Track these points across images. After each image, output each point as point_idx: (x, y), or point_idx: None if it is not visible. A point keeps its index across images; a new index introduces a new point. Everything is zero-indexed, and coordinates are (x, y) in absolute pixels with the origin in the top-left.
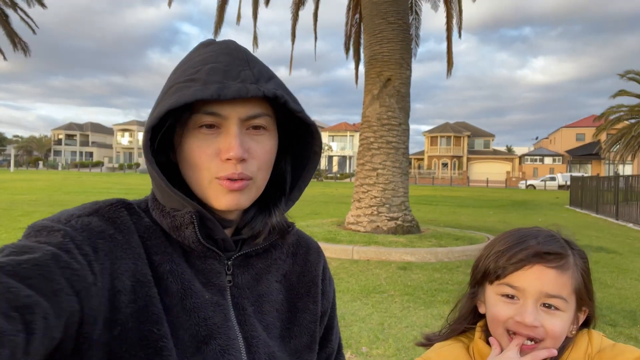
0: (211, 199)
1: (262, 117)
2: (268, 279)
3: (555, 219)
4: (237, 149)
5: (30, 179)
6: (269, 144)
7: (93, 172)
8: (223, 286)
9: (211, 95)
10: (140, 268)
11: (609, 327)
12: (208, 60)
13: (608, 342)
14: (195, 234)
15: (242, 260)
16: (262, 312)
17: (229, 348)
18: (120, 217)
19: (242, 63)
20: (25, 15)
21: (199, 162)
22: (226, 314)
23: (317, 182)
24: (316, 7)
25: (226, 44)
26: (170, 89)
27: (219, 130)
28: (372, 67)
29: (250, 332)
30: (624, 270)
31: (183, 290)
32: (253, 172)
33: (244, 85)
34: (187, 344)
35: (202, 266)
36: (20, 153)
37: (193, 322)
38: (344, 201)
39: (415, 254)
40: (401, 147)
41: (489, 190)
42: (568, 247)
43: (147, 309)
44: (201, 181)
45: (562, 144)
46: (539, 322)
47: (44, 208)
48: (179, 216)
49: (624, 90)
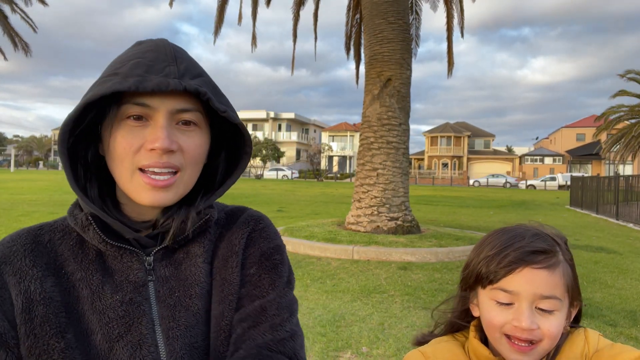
0: (133, 194)
1: (191, 112)
2: (194, 263)
3: (555, 219)
4: (164, 139)
5: (30, 179)
6: (198, 139)
7: None
8: (140, 282)
9: (129, 87)
10: (35, 287)
11: (609, 327)
12: (134, 56)
13: (606, 342)
14: (99, 235)
15: (164, 253)
16: (189, 296)
17: (142, 342)
18: (15, 244)
19: (169, 59)
20: (25, 16)
21: (123, 152)
22: (143, 309)
23: (317, 182)
24: (316, 7)
25: (156, 42)
26: (97, 82)
27: (147, 123)
28: (372, 67)
29: (168, 323)
30: (624, 270)
31: (92, 295)
32: (181, 163)
33: (165, 79)
34: (100, 345)
35: (118, 265)
36: (21, 153)
37: (103, 323)
38: (344, 201)
39: (415, 254)
40: (401, 147)
41: (489, 190)
42: (555, 242)
43: (45, 325)
44: (124, 173)
45: (562, 144)
46: (536, 324)
47: (44, 208)
48: (79, 217)
49: (624, 90)
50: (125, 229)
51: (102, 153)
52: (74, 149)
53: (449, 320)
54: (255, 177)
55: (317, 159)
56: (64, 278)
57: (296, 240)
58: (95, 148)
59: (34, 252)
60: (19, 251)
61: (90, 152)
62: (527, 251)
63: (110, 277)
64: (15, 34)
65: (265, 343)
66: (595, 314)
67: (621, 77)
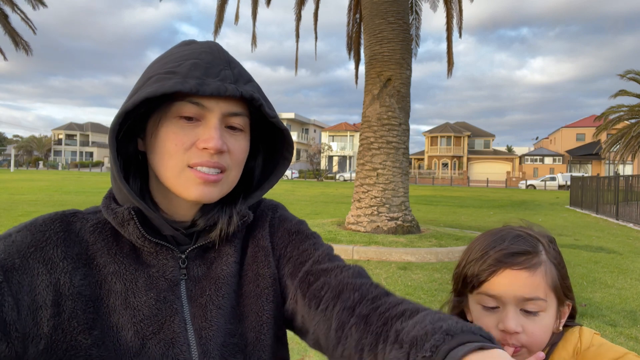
0: (180, 188)
1: (240, 117)
2: (225, 262)
3: (555, 219)
4: (217, 140)
5: (30, 179)
6: (243, 143)
7: (93, 172)
8: (175, 280)
9: (190, 89)
10: (64, 281)
11: (609, 327)
12: (190, 57)
13: (599, 340)
14: (138, 230)
15: (197, 252)
16: (219, 295)
17: (175, 341)
18: (48, 230)
19: (223, 63)
20: (25, 17)
21: (174, 149)
22: (175, 307)
23: (317, 182)
24: (316, 7)
25: (208, 44)
26: (150, 79)
27: (198, 123)
28: (372, 67)
29: (202, 323)
30: (624, 270)
31: (126, 290)
32: (228, 164)
33: (222, 84)
34: (131, 342)
35: (154, 262)
36: (21, 153)
37: (137, 320)
38: (344, 201)
39: (415, 254)
40: (401, 147)
41: (489, 190)
42: (537, 241)
43: (72, 320)
44: (172, 169)
45: (562, 144)
46: (521, 327)
47: (44, 208)
48: (120, 212)
49: (624, 90)
50: (165, 224)
51: (142, 148)
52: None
53: None
54: None
55: (317, 159)
56: (95, 270)
57: None
58: (134, 144)
59: (66, 241)
60: (52, 239)
61: (130, 148)
62: (506, 253)
63: (145, 274)
64: (16, 34)
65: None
66: (595, 314)
67: (621, 77)
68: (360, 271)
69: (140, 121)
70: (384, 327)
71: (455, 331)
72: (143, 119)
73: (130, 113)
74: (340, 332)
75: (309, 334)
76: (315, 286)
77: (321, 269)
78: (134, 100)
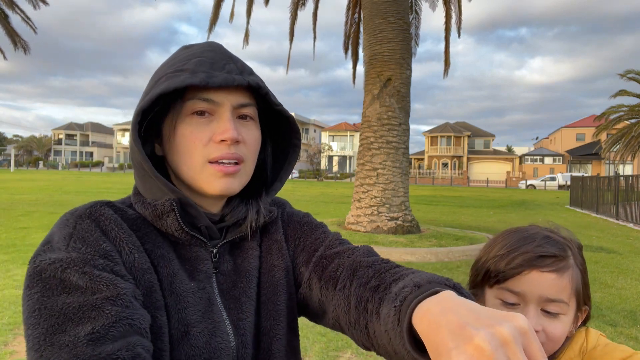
0: (203, 184)
1: (250, 107)
2: (251, 255)
3: (555, 219)
4: (232, 131)
5: (30, 178)
6: (256, 131)
7: (93, 172)
8: (209, 273)
9: (200, 81)
10: (138, 256)
11: (609, 327)
12: (194, 55)
13: (603, 341)
14: (177, 221)
15: (226, 247)
16: (250, 287)
17: (216, 331)
18: (103, 214)
19: (226, 58)
20: (25, 17)
21: (193, 146)
22: (212, 299)
23: (317, 182)
24: (316, 7)
25: (209, 44)
26: (160, 79)
27: (211, 117)
28: (372, 67)
29: (237, 315)
30: (624, 270)
31: (173, 275)
32: (245, 154)
33: (230, 75)
34: (174, 329)
35: (188, 254)
36: (21, 153)
37: (182, 307)
38: (344, 201)
39: (415, 254)
40: (401, 147)
41: (489, 190)
42: (567, 246)
43: (150, 296)
44: (194, 166)
45: (562, 144)
46: (541, 326)
47: (44, 208)
48: (160, 205)
49: (624, 90)
50: (202, 215)
51: (159, 153)
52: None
53: None
54: None
55: (317, 159)
56: (145, 254)
57: None
58: (148, 149)
59: (119, 225)
60: (113, 216)
61: (147, 150)
62: (535, 255)
63: (184, 264)
64: (15, 34)
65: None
66: (595, 314)
67: (621, 76)
68: (369, 250)
69: (155, 125)
70: (385, 291)
71: (422, 282)
72: (158, 122)
73: (146, 113)
74: (361, 306)
75: (327, 315)
76: (330, 268)
77: (334, 252)
78: (150, 97)
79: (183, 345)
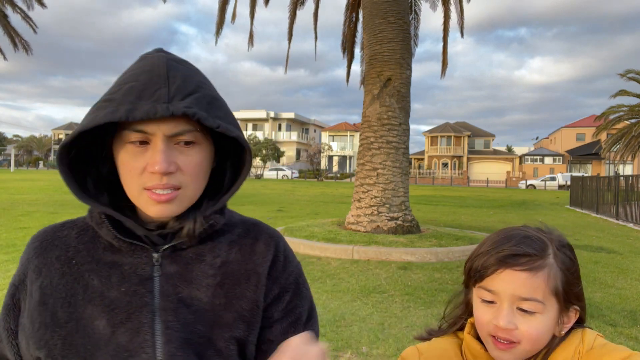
0: (142, 207)
1: (188, 133)
2: (201, 267)
3: (555, 219)
4: (162, 163)
5: (30, 178)
6: (198, 157)
7: None
8: (147, 275)
9: (120, 117)
10: (46, 283)
11: (609, 327)
12: (129, 79)
13: (600, 341)
14: (111, 232)
15: (171, 251)
16: (191, 297)
17: (140, 330)
18: (34, 242)
19: (161, 81)
20: (25, 16)
21: (129, 175)
22: (145, 300)
23: (317, 182)
24: (316, 7)
25: (152, 61)
26: (94, 106)
27: (147, 146)
28: (372, 67)
29: (169, 317)
30: (624, 270)
31: (101, 284)
32: (181, 182)
33: (153, 106)
34: (104, 330)
35: (128, 259)
36: (21, 153)
37: (109, 310)
38: (344, 201)
39: (415, 254)
40: (401, 147)
41: (489, 190)
42: (548, 245)
43: (55, 314)
44: (132, 191)
45: (562, 144)
46: (514, 324)
47: (44, 208)
48: (95, 216)
49: (624, 90)
50: (137, 226)
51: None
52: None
53: (454, 316)
54: (255, 177)
55: (317, 159)
56: (74, 268)
57: (296, 240)
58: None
59: (47, 248)
60: (38, 248)
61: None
62: (509, 254)
63: (119, 270)
64: (16, 34)
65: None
66: (595, 314)
67: (621, 76)
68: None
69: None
70: None
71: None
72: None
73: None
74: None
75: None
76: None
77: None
78: (73, 134)
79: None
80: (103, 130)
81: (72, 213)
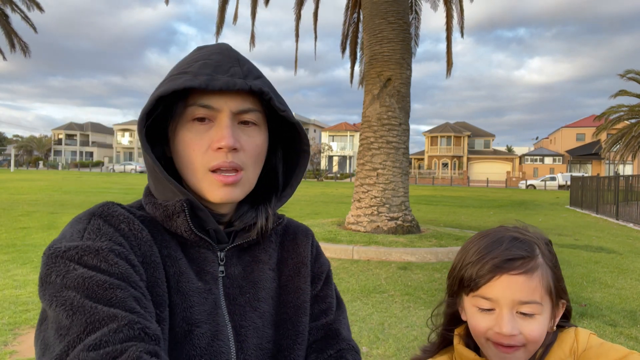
0: (205, 192)
1: (252, 113)
2: (261, 268)
3: (555, 219)
4: (229, 138)
5: (30, 178)
6: (259, 138)
7: (93, 172)
8: (216, 275)
9: (199, 84)
10: (146, 250)
11: (609, 327)
12: (200, 58)
13: (596, 341)
14: (187, 222)
15: (234, 252)
16: (257, 299)
17: (218, 334)
18: (115, 211)
19: (233, 61)
20: (24, 16)
21: (192, 154)
22: (217, 302)
23: (317, 182)
24: (316, 7)
25: (219, 46)
26: (164, 81)
27: (211, 124)
28: (372, 67)
29: (239, 322)
30: (624, 270)
31: (179, 273)
32: (244, 162)
33: (232, 79)
34: (178, 327)
35: (196, 255)
36: (21, 153)
37: (186, 306)
38: (344, 201)
39: (415, 254)
40: (401, 147)
41: (489, 190)
42: (535, 245)
43: (153, 290)
44: (195, 173)
45: (562, 144)
46: (517, 329)
47: (44, 208)
48: (171, 205)
49: (624, 90)
50: (211, 218)
51: (169, 154)
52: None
53: (440, 333)
54: None
55: (317, 159)
56: (153, 253)
57: None
58: (159, 150)
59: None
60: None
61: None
62: (503, 259)
63: (191, 265)
64: (15, 35)
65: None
66: (595, 314)
67: (621, 76)
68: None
69: (163, 127)
70: None
71: None
72: (164, 125)
73: (150, 114)
74: None
75: None
76: (316, 335)
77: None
78: (150, 100)
79: (185, 344)
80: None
81: (72, 213)
